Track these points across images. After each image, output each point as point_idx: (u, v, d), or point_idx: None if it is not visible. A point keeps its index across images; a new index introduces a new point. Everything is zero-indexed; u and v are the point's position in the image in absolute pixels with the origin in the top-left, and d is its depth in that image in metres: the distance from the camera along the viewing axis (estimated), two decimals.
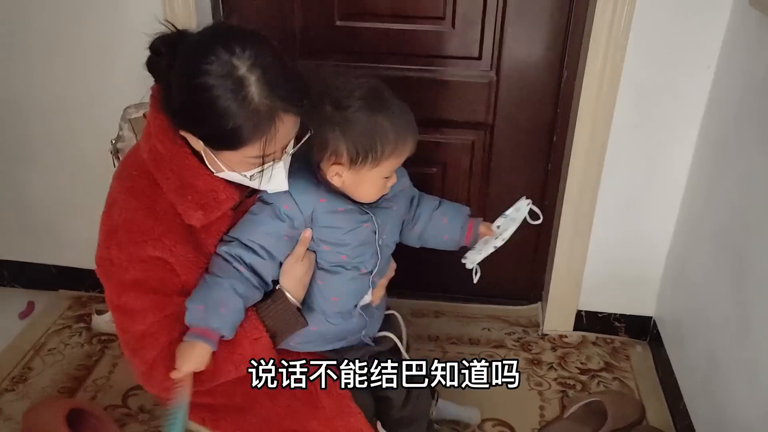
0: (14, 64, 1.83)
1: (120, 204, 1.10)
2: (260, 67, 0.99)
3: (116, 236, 1.09)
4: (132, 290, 1.09)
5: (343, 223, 1.19)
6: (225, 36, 1.02)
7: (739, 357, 1.36)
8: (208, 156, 1.08)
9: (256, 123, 1.01)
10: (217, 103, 0.99)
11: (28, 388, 1.76)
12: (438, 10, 1.72)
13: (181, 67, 1.02)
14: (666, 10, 1.54)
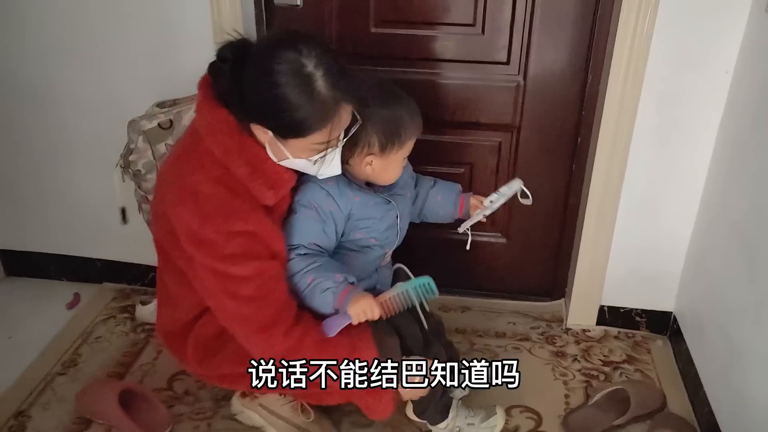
0: (64, 66, 1.93)
1: (205, 192, 1.25)
2: (324, 64, 1.17)
3: (210, 219, 1.25)
4: (234, 262, 1.26)
5: (375, 213, 1.44)
6: (290, 39, 1.19)
7: (756, 343, 1.44)
8: (273, 146, 1.24)
9: (323, 113, 1.18)
10: (290, 97, 1.16)
11: (78, 372, 1.86)
12: (468, 17, 1.82)
13: (253, 69, 1.18)
14: (686, 18, 1.63)
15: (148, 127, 1.61)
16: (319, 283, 1.36)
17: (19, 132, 2.05)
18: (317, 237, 1.40)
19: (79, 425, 1.68)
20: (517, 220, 2.09)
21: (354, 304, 1.35)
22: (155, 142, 1.63)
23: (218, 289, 1.32)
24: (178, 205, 1.29)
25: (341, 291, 1.35)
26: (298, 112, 1.18)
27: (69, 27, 1.87)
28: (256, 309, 1.31)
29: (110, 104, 1.96)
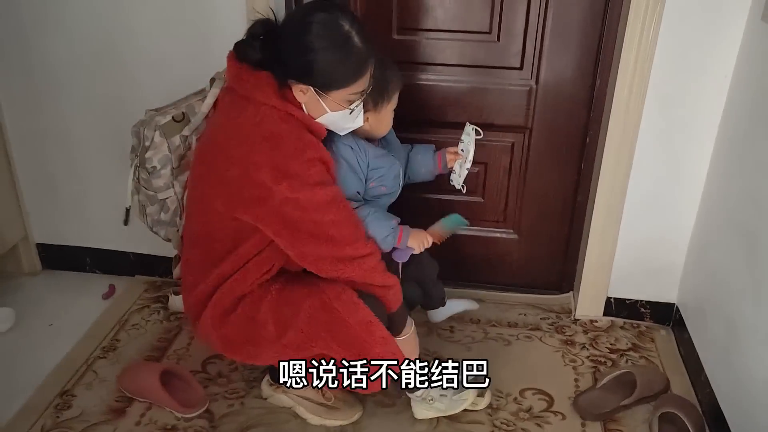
0: (104, 69, 2.06)
1: (279, 132, 1.43)
2: (356, 24, 1.40)
3: (289, 153, 1.43)
4: (318, 188, 1.44)
5: (384, 163, 1.69)
6: (323, 7, 1.41)
7: (754, 323, 1.56)
8: (313, 103, 1.46)
9: (361, 65, 1.42)
10: (334, 54, 1.39)
11: (118, 356, 1.98)
12: (485, 25, 1.96)
13: (292, 35, 1.40)
14: (688, 26, 1.76)
15: (163, 122, 1.67)
16: (379, 233, 1.60)
17: (60, 134, 2.18)
18: (357, 185, 1.63)
19: (121, 402, 1.80)
20: (527, 216, 2.21)
21: (413, 238, 1.66)
22: (170, 136, 1.68)
23: (301, 222, 1.46)
24: (253, 153, 1.42)
25: (397, 233, 1.64)
26: (342, 65, 1.40)
27: (112, 33, 2.01)
28: (338, 231, 1.49)
29: (142, 107, 2.06)
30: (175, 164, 1.71)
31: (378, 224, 1.61)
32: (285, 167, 1.42)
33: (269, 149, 1.42)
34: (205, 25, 1.95)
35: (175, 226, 1.84)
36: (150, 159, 1.69)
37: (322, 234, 1.48)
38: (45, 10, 2.00)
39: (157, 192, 1.75)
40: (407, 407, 1.79)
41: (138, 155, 1.71)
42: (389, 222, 1.63)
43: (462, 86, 2.04)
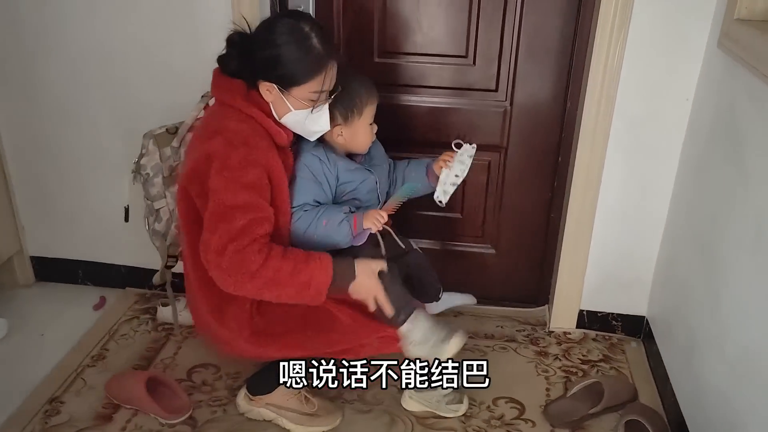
0: (97, 89, 2.15)
1: (233, 128, 1.54)
2: (316, 28, 1.52)
3: (235, 146, 1.51)
4: (246, 190, 1.51)
5: (356, 177, 1.74)
6: (286, 13, 1.62)
7: (711, 334, 1.64)
8: (278, 101, 1.57)
9: (318, 63, 1.52)
10: (291, 51, 1.51)
11: (107, 364, 2.05)
12: (461, 49, 2.06)
13: (259, 35, 1.54)
14: (651, 52, 1.85)
15: (158, 132, 1.84)
16: (332, 221, 1.65)
17: (55, 151, 2.27)
18: (317, 194, 1.69)
19: (108, 409, 1.87)
20: (504, 232, 2.30)
21: (366, 218, 1.67)
22: (162, 146, 1.84)
23: (216, 215, 1.51)
24: (209, 141, 1.53)
25: (352, 218, 1.66)
26: (301, 61, 1.51)
27: (104, 60, 2.10)
28: (238, 235, 1.49)
29: (133, 127, 2.14)
30: (166, 173, 1.84)
31: (331, 213, 1.66)
32: (227, 157, 1.51)
33: (221, 139, 1.53)
34: (197, 46, 2.03)
35: (167, 236, 1.93)
36: (144, 166, 1.83)
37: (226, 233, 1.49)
38: (43, 31, 2.09)
39: (153, 201, 1.86)
40: (384, 413, 1.87)
41: (135, 162, 1.85)
42: (341, 209, 1.68)
43: (441, 107, 2.14)
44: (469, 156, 1.79)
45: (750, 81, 1.49)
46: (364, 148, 1.78)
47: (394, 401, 1.91)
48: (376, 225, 1.68)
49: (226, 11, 1.96)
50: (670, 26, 1.82)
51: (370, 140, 1.76)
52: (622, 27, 1.83)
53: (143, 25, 2.04)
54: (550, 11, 1.98)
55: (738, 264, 1.52)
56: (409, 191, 1.81)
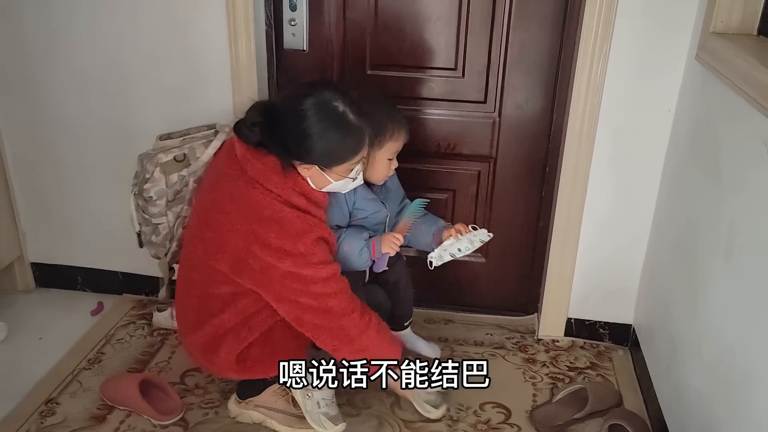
0: (97, 100, 2.21)
1: (286, 217, 1.57)
2: (346, 100, 1.52)
3: (299, 236, 1.56)
4: (321, 267, 1.59)
5: (370, 207, 1.79)
6: (309, 89, 1.54)
7: (689, 339, 1.68)
8: (317, 176, 1.59)
9: (358, 140, 1.55)
10: (333, 136, 1.52)
11: (102, 367, 2.09)
12: (451, 62, 2.11)
13: (289, 123, 1.52)
14: (634, 65, 1.91)
15: (164, 160, 1.86)
16: (353, 247, 1.74)
17: (56, 159, 2.33)
18: (339, 219, 1.76)
19: (102, 410, 1.91)
20: (494, 241, 2.31)
21: (384, 245, 1.77)
22: (169, 173, 1.87)
23: (304, 292, 1.59)
24: (264, 235, 1.56)
25: (371, 244, 1.76)
26: (341, 144, 1.54)
27: (105, 70, 2.17)
28: (337, 303, 1.62)
29: (134, 134, 2.23)
30: (171, 198, 1.88)
31: (352, 239, 1.74)
32: (292, 250, 1.55)
33: (277, 232, 1.55)
34: (194, 58, 2.10)
35: (165, 248, 1.99)
36: (148, 190, 1.87)
37: (321, 305, 1.61)
38: (46, 43, 2.16)
39: (152, 217, 1.91)
40: (372, 417, 1.91)
41: (138, 184, 1.87)
42: (361, 235, 1.76)
43: (431, 118, 2.19)
44: (480, 240, 1.84)
45: (725, 92, 1.53)
46: (380, 180, 1.81)
47: (382, 405, 1.95)
48: (394, 248, 1.78)
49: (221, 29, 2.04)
50: (652, 40, 1.87)
51: (386, 174, 1.79)
52: (604, 41, 1.88)
53: (143, 38, 2.11)
54: (536, 26, 2.04)
55: (712, 270, 1.56)
56: (419, 210, 1.85)
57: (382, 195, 1.84)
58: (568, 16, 2.00)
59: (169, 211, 1.91)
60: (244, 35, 2.03)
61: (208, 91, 2.12)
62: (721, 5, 1.63)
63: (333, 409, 1.81)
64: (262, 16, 2.07)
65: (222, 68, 2.08)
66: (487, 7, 2.03)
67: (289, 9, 2.10)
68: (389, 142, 1.72)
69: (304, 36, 2.13)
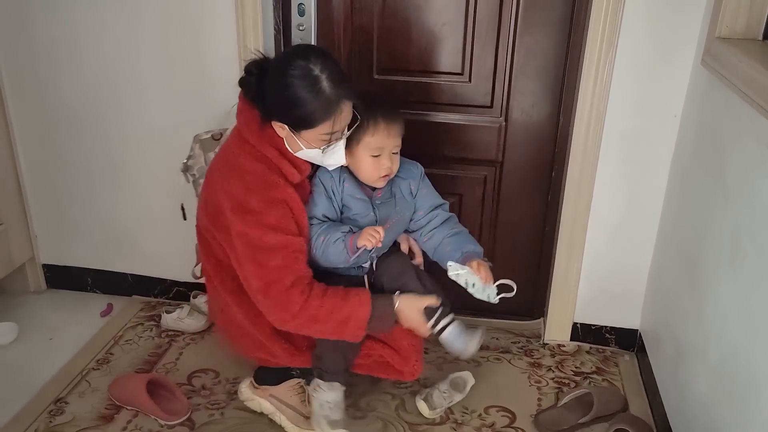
0: (111, 105, 2.24)
1: (249, 169, 1.57)
2: (327, 69, 1.51)
3: (254, 190, 1.55)
4: (271, 231, 1.55)
5: (357, 208, 1.72)
6: (301, 51, 1.55)
7: (695, 344, 1.68)
8: (290, 139, 1.58)
9: (327, 107, 1.52)
10: (301, 95, 1.50)
11: (111, 367, 2.12)
12: (457, 67, 2.13)
13: (272, 76, 1.54)
14: (639, 70, 1.91)
15: (204, 137, 1.93)
16: (329, 238, 1.65)
17: (69, 162, 2.36)
18: (327, 209, 1.69)
19: (110, 410, 1.93)
20: (500, 246, 2.35)
21: (361, 237, 1.62)
22: (207, 150, 1.94)
23: (249, 258, 1.59)
24: (227, 181, 1.59)
25: (349, 237, 1.64)
26: (308, 106, 1.51)
27: (117, 74, 2.20)
28: (279, 277, 1.58)
29: (148, 138, 2.27)
30: None
31: (329, 229, 1.66)
32: (245, 202, 1.56)
33: (237, 181, 1.58)
34: (203, 63, 2.13)
35: None
36: (191, 167, 1.94)
37: (264, 275, 1.59)
38: (58, 47, 2.20)
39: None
40: (377, 419, 1.92)
41: (185, 162, 1.95)
42: (339, 228, 1.66)
43: (438, 122, 2.20)
44: (488, 296, 1.76)
45: (729, 97, 1.54)
46: (368, 179, 1.71)
47: (387, 407, 1.96)
48: (371, 242, 1.61)
49: (230, 33, 2.06)
50: (657, 45, 1.88)
51: (373, 173, 1.69)
52: (610, 46, 1.89)
53: (153, 43, 2.14)
54: (543, 32, 2.05)
55: (718, 275, 1.56)
56: (409, 208, 1.77)
57: (380, 200, 1.74)
58: (574, 21, 2.01)
59: None
60: (252, 40, 2.06)
61: (217, 95, 2.14)
62: (727, 10, 1.63)
63: (337, 414, 1.79)
64: (271, 21, 2.09)
65: (230, 72, 2.09)
66: (493, 13, 2.05)
67: (297, 14, 2.12)
68: (366, 136, 1.64)
69: (312, 41, 2.15)
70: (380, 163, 1.68)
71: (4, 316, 2.32)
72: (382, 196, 1.76)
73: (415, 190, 1.82)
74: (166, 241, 2.38)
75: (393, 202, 1.77)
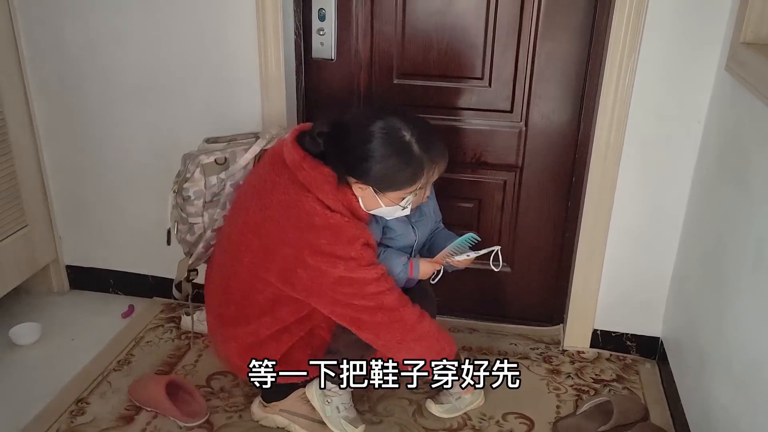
0: (135, 110, 2.27)
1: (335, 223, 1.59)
2: (416, 132, 1.54)
3: (350, 242, 1.59)
4: (371, 267, 1.61)
5: (398, 228, 1.77)
6: (386, 113, 1.56)
7: (718, 353, 1.65)
8: (368, 198, 1.61)
9: (418, 172, 1.56)
10: (394, 162, 1.54)
11: (131, 369, 2.14)
12: (477, 71, 2.12)
13: (354, 139, 1.55)
14: (662, 75, 1.89)
15: (205, 162, 1.88)
16: (391, 269, 1.70)
17: (93, 165, 2.39)
18: (376, 234, 1.72)
19: (130, 411, 1.95)
20: (520, 251, 2.34)
21: (422, 270, 1.76)
22: (208, 174, 1.90)
23: (358, 295, 1.62)
24: (311, 240, 1.58)
25: (408, 268, 1.74)
26: (400, 172, 1.55)
27: (141, 79, 2.22)
28: (391, 298, 1.64)
29: (167, 144, 2.28)
30: (208, 199, 1.90)
31: (391, 261, 1.73)
32: (344, 254, 1.58)
33: (329, 238, 1.58)
34: (225, 67, 2.15)
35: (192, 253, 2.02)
36: (187, 189, 1.89)
37: (377, 303, 1.63)
38: (85, 52, 2.22)
39: (189, 216, 1.93)
40: (394, 425, 1.91)
41: (179, 182, 1.91)
42: (400, 258, 1.74)
43: (457, 127, 2.20)
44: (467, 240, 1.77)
45: (754, 103, 1.51)
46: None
47: (404, 413, 1.95)
48: (430, 274, 1.79)
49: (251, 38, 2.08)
50: (681, 50, 1.86)
51: (414, 205, 1.70)
52: (632, 52, 1.87)
53: (177, 48, 2.16)
54: (564, 36, 2.03)
55: (741, 282, 1.53)
56: (464, 245, 1.77)
57: (415, 218, 1.81)
58: (595, 26, 1.99)
59: (205, 212, 1.94)
60: (273, 44, 2.07)
61: (238, 98, 2.16)
62: (752, 15, 1.61)
63: (352, 412, 1.83)
64: (292, 26, 2.10)
65: (251, 76, 2.12)
66: (514, 18, 2.04)
67: (318, 19, 2.13)
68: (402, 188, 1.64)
69: (332, 45, 2.15)
70: (426, 191, 1.69)
71: (28, 317, 2.35)
72: (416, 215, 1.81)
73: (433, 207, 1.89)
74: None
75: (425, 221, 1.84)
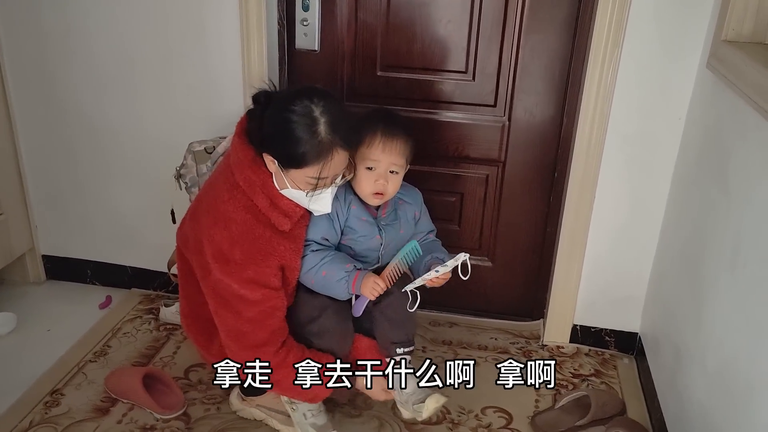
0: (112, 99, 2.24)
1: (236, 219, 1.54)
2: (328, 113, 1.47)
3: (236, 241, 1.53)
4: (249, 286, 1.54)
5: (362, 229, 1.69)
6: (307, 91, 1.51)
7: (694, 350, 1.66)
8: (278, 175, 1.54)
9: (319, 151, 1.48)
10: (295, 132, 1.47)
11: (108, 360, 2.11)
12: (461, 65, 2.11)
13: (274, 108, 1.50)
14: (644, 71, 1.90)
15: (197, 149, 1.94)
16: (332, 275, 1.62)
17: (70, 154, 2.36)
18: (327, 232, 1.65)
19: (106, 403, 1.93)
20: (501, 246, 2.34)
21: (364, 287, 1.61)
22: (199, 162, 1.94)
23: (225, 305, 1.59)
24: (212, 228, 1.56)
25: (352, 278, 1.61)
26: (299, 145, 1.47)
27: (121, 67, 2.19)
28: (252, 330, 1.59)
29: (147, 133, 2.26)
30: (201, 186, 1.90)
31: (333, 266, 1.62)
32: (228, 253, 1.54)
33: (222, 231, 1.55)
34: (207, 57, 2.12)
35: None
36: (184, 176, 1.95)
37: (238, 325, 1.60)
38: (63, 39, 2.19)
39: None
40: (373, 418, 1.91)
41: (178, 169, 1.96)
42: (344, 266, 1.63)
43: (440, 120, 2.19)
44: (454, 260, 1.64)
45: (734, 101, 1.52)
46: (362, 195, 1.66)
47: (383, 406, 1.95)
48: (373, 295, 1.63)
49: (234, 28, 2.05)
50: (663, 47, 1.86)
51: (366, 188, 1.64)
52: (615, 47, 1.87)
53: (158, 37, 2.12)
54: (548, 30, 2.03)
55: (718, 280, 1.54)
56: (412, 255, 1.66)
57: (384, 221, 1.71)
58: (579, 21, 1.99)
59: None
60: (256, 35, 2.04)
61: (220, 88, 2.14)
62: (734, 13, 1.61)
63: (321, 418, 1.79)
64: (275, 16, 2.08)
65: (234, 67, 2.09)
66: (498, 11, 2.03)
67: (301, 9, 2.11)
68: (363, 147, 1.62)
69: (315, 36, 2.14)
70: (374, 178, 1.62)
71: (3, 307, 2.32)
72: (387, 218, 1.72)
73: (417, 216, 1.82)
74: (166, 235, 2.34)
75: (398, 225, 1.75)
